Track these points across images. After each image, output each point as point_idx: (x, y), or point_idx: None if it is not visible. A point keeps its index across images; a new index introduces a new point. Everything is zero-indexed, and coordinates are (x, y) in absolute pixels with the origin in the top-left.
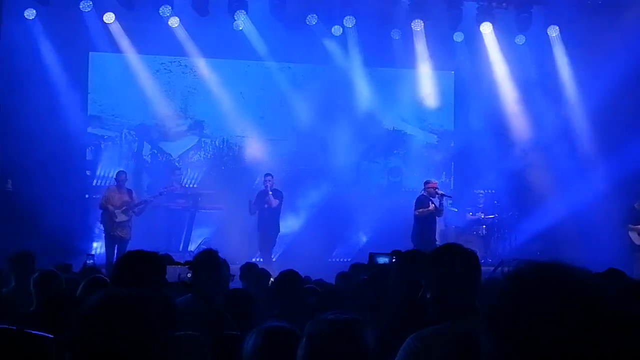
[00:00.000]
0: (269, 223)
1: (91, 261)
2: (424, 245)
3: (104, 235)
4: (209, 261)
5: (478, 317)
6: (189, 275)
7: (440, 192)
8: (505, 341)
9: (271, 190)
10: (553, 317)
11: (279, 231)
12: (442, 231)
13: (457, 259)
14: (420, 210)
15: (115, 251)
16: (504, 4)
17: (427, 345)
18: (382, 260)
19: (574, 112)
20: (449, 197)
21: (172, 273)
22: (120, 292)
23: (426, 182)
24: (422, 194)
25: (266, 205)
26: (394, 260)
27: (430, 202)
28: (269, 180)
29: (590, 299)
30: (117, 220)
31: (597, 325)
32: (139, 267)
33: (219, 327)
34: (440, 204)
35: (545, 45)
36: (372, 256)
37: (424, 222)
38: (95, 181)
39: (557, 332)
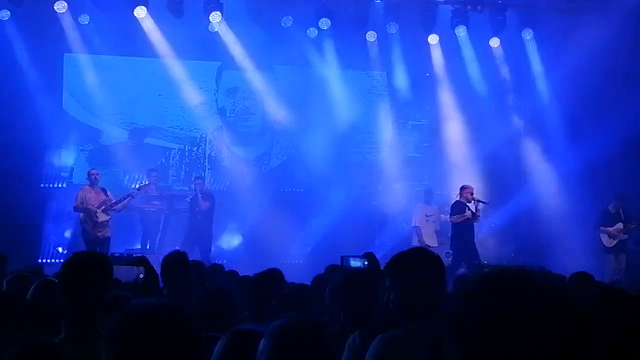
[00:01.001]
0: (202, 226)
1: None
2: (464, 251)
3: (82, 237)
4: (177, 263)
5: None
6: (141, 276)
7: (476, 197)
8: (469, 346)
9: (201, 194)
10: (517, 322)
11: (212, 234)
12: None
13: (421, 262)
14: (456, 216)
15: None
16: (478, 7)
17: (394, 348)
18: (355, 263)
19: (546, 113)
20: (484, 202)
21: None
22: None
23: (462, 188)
24: (458, 200)
25: (197, 209)
26: (366, 263)
27: (466, 208)
28: (199, 184)
29: (555, 303)
30: (98, 220)
31: (562, 330)
32: (87, 269)
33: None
34: (477, 209)
35: (519, 47)
36: (344, 259)
37: (463, 228)
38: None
39: (521, 337)
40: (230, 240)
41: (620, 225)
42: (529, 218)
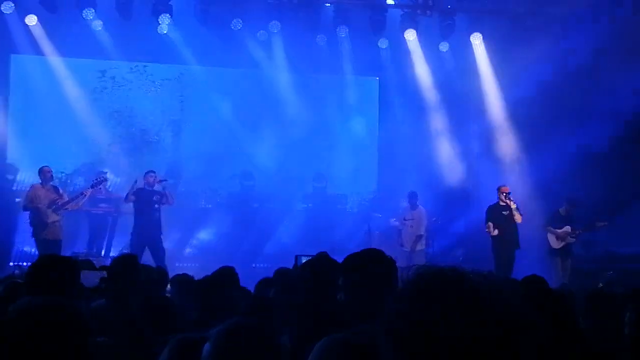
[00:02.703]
0: (157, 225)
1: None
2: (499, 259)
3: (33, 238)
4: (124, 266)
5: None
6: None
7: (505, 199)
8: (402, 345)
9: (155, 187)
10: (448, 322)
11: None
12: (368, 235)
13: (373, 263)
14: (487, 224)
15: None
16: (427, 12)
17: (340, 350)
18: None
19: (495, 116)
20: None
21: (91, 278)
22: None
23: (497, 188)
24: (492, 205)
25: (156, 206)
26: None
27: (499, 214)
28: (153, 177)
29: (486, 305)
30: (48, 220)
31: (492, 331)
32: (53, 273)
33: (133, 333)
34: (511, 210)
35: (468, 52)
36: (298, 258)
37: (497, 234)
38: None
39: (451, 337)
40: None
41: (568, 228)
42: (480, 222)
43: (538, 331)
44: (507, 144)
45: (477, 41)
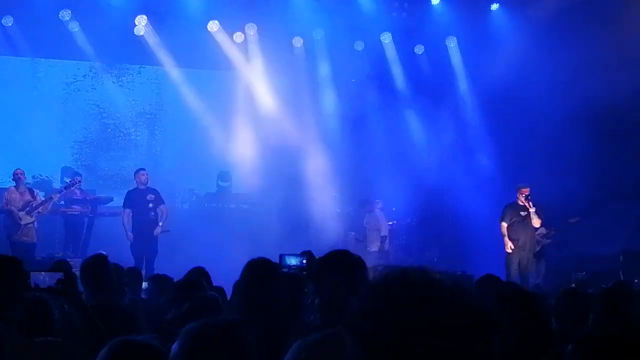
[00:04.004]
0: (154, 225)
1: None
2: (516, 259)
3: (8, 241)
4: (96, 266)
5: None
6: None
7: (525, 201)
8: (367, 345)
9: (148, 186)
10: (413, 321)
11: None
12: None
13: (345, 266)
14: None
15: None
16: (403, 14)
17: (314, 353)
18: (292, 261)
19: (470, 118)
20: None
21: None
22: None
23: (517, 188)
24: (509, 203)
25: (151, 205)
26: (304, 261)
27: (515, 211)
28: (144, 175)
29: (451, 304)
30: (22, 222)
31: (456, 329)
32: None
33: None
34: (530, 212)
35: (443, 54)
36: (282, 258)
37: (512, 233)
38: None
39: (416, 335)
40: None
41: (543, 230)
42: (453, 222)
43: (501, 329)
44: (480, 145)
45: (452, 44)
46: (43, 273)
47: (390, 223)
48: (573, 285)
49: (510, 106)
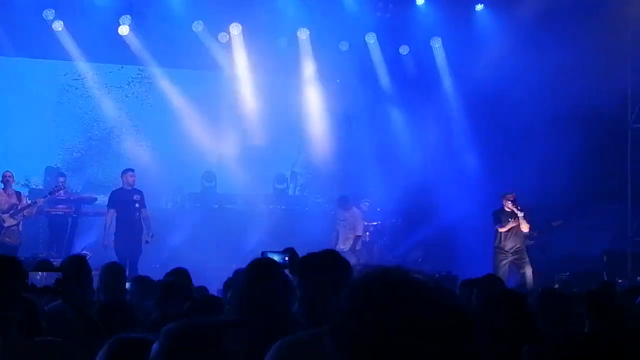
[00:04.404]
0: (139, 227)
1: None
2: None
3: None
4: (76, 266)
5: None
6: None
7: (512, 207)
8: (347, 344)
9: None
10: (394, 320)
11: None
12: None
13: (328, 264)
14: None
15: None
16: (388, 15)
17: (296, 353)
18: (275, 258)
19: (454, 119)
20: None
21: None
22: None
23: (504, 195)
24: (497, 209)
25: (137, 205)
26: (286, 259)
27: (506, 218)
28: (131, 176)
29: (432, 303)
30: (5, 224)
31: (436, 330)
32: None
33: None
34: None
35: (428, 55)
36: (264, 254)
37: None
38: None
39: (398, 335)
40: None
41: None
42: (438, 223)
43: (489, 329)
44: (465, 146)
45: (437, 45)
46: (40, 273)
47: (375, 223)
48: (556, 285)
49: (496, 106)
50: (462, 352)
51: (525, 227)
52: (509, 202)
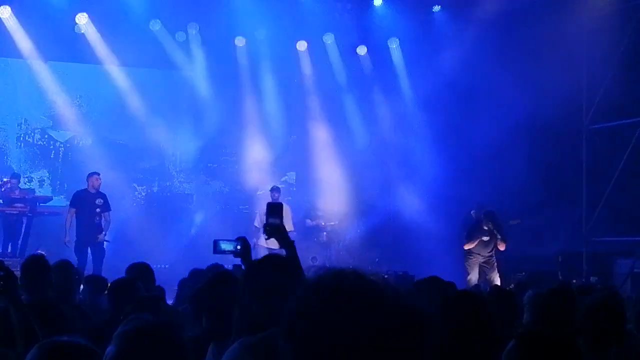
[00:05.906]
0: (99, 229)
1: None
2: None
3: None
4: (36, 266)
5: None
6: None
7: (486, 225)
8: (300, 347)
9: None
10: (349, 321)
11: None
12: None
13: (276, 266)
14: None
15: None
16: (346, 15)
17: (254, 353)
18: (226, 246)
19: (412, 119)
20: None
21: None
22: None
23: (484, 217)
24: (474, 224)
25: (98, 210)
26: (238, 247)
27: (481, 238)
28: (97, 179)
29: (387, 304)
30: None
31: (389, 331)
32: None
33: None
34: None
35: (385, 55)
36: (216, 243)
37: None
38: None
39: (353, 335)
40: None
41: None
42: (394, 223)
43: (437, 327)
44: (422, 144)
45: (394, 45)
46: None
47: (332, 223)
48: (512, 285)
49: (454, 108)
50: (415, 353)
51: (502, 247)
52: (490, 223)
